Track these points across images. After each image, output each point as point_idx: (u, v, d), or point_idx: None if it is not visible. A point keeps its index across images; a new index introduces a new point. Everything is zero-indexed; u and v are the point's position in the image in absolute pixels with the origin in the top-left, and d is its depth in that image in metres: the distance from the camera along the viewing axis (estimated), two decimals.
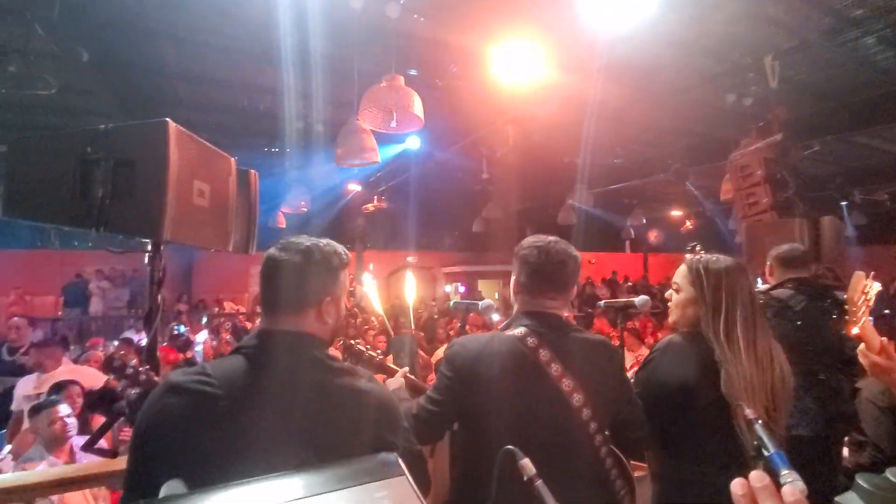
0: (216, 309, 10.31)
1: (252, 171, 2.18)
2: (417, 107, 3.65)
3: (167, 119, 1.58)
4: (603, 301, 2.35)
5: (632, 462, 1.66)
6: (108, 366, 1.39)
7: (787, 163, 5.56)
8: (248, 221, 2.15)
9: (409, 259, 14.30)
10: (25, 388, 3.80)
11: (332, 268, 1.18)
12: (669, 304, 1.74)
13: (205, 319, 7.80)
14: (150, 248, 1.79)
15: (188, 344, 6.16)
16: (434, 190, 10.41)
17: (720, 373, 1.50)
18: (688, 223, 14.45)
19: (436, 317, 8.43)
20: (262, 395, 1.02)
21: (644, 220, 12.96)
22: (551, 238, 1.54)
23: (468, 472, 1.42)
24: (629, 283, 14.07)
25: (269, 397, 1.02)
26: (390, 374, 1.71)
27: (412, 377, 1.72)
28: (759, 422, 1.31)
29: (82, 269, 11.11)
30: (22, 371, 4.42)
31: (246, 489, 0.81)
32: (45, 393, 3.50)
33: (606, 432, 1.50)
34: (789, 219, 5.10)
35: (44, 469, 2.55)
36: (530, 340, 1.41)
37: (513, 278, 1.56)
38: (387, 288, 13.63)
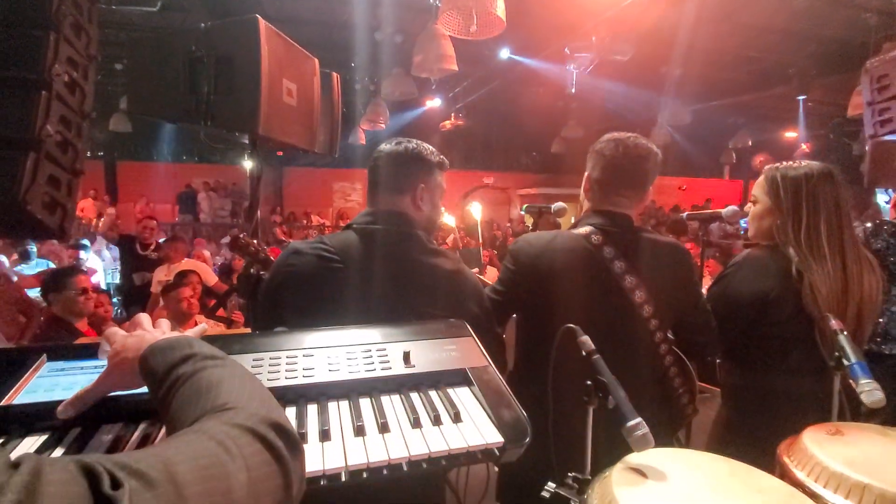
0: (304, 221, 11.13)
1: (334, 73, 2.25)
2: (500, 7, 3.44)
3: (257, 16, 1.66)
4: (686, 213, 2.23)
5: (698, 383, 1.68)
6: (234, 245, 1.64)
7: None
8: (332, 122, 2.26)
9: (486, 180, 14.19)
10: (159, 275, 4.62)
11: (427, 161, 1.35)
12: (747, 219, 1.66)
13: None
14: (248, 144, 1.97)
15: None
16: (513, 107, 9.97)
17: (800, 284, 1.44)
18: (804, 146, 12.70)
19: (511, 238, 8.52)
20: (370, 262, 1.20)
21: (750, 143, 11.59)
22: (630, 133, 1.48)
23: (530, 352, 1.53)
24: None
25: (375, 264, 1.21)
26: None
27: (482, 277, 1.82)
28: (844, 333, 1.27)
29: (192, 181, 12.35)
30: (152, 264, 5.25)
31: (338, 332, 0.97)
32: (173, 279, 4.21)
33: (669, 333, 1.53)
34: None
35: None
36: (595, 238, 1.42)
37: (585, 175, 1.55)
38: (461, 208, 13.78)
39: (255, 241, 1.73)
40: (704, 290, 1.77)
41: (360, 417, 0.74)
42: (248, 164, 2.25)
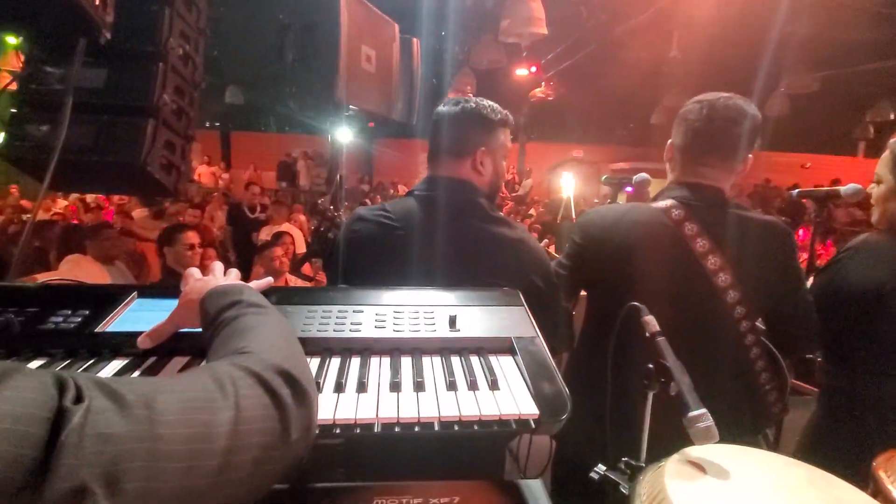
0: (391, 191, 11.50)
1: (414, 38, 2.24)
2: None
3: None
4: (797, 190, 1.94)
5: (793, 381, 1.51)
6: (313, 209, 1.75)
7: None
8: (411, 90, 2.27)
9: (575, 154, 13.57)
10: (262, 235, 5.16)
11: (487, 120, 1.27)
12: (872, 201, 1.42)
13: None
14: (330, 111, 2.04)
15: None
16: (609, 75, 9.29)
17: None
18: None
19: None
20: (430, 230, 1.20)
21: (893, 116, 9.82)
22: (724, 94, 1.31)
23: (595, 331, 1.46)
24: None
25: (435, 232, 1.20)
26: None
27: (549, 251, 1.75)
28: None
29: (292, 150, 13.26)
30: (259, 225, 5.83)
31: (389, 292, 0.99)
32: (270, 239, 4.65)
33: (759, 323, 1.37)
34: None
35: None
36: (675, 213, 1.30)
37: (668, 143, 1.41)
38: (548, 182, 13.35)
39: (331, 207, 1.82)
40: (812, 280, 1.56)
41: (397, 374, 0.76)
42: (338, 132, 2.35)
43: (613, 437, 1.13)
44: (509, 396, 0.73)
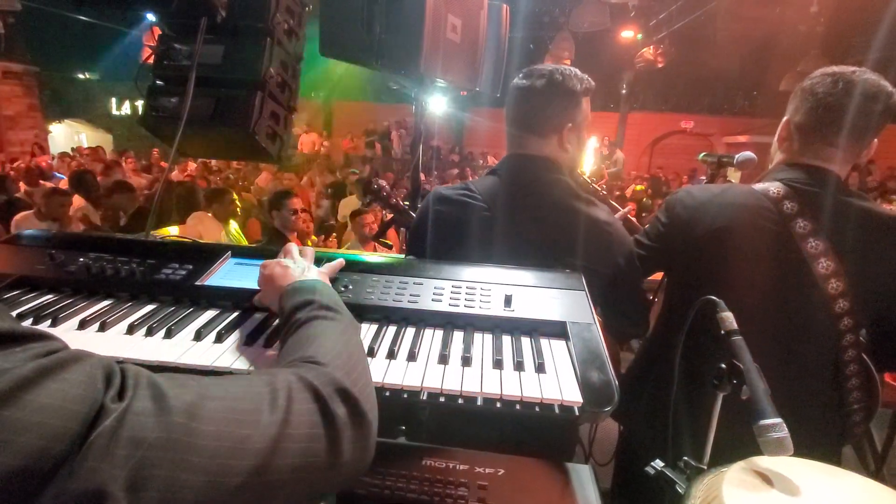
0: (480, 161, 11.45)
1: (504, 5, 2.17)
2: None
3: None
4: None
5: None
6: (367, 189, 1.80)
7: None
8: (498, 60, 2.21)
9: (684, 125, 12.40)
10: (350, 202, 5.45)
11: (574, 93, 1.19)
12: None
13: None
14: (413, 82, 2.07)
15: None
16: (731, 35, 8.24)
17: None
18: None
19: None
20: (515, 210, 1.17)
21: None
22: (855, 67, 1.13)
23: (672, 321, 1.37)
24: None
25: (520, 212, 1.17)
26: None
27: (632, 219, 1.65)
28: None
29: (387, 119, 13.68)
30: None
31: (450, 267, 1.02)
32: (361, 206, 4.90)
33: (863, 335, 1.20)
34: None
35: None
36: (788, 205, 1.14)
37: (783, 121, 1.24)
38: (649, 156, 12.39)
39: (387, 186, 1.87)
40: None
41: (446, 347, 0.79)
42: (426, 101, 2.37)
43: (677, 434, 1.08)
44: (554, 381, 0.73)
